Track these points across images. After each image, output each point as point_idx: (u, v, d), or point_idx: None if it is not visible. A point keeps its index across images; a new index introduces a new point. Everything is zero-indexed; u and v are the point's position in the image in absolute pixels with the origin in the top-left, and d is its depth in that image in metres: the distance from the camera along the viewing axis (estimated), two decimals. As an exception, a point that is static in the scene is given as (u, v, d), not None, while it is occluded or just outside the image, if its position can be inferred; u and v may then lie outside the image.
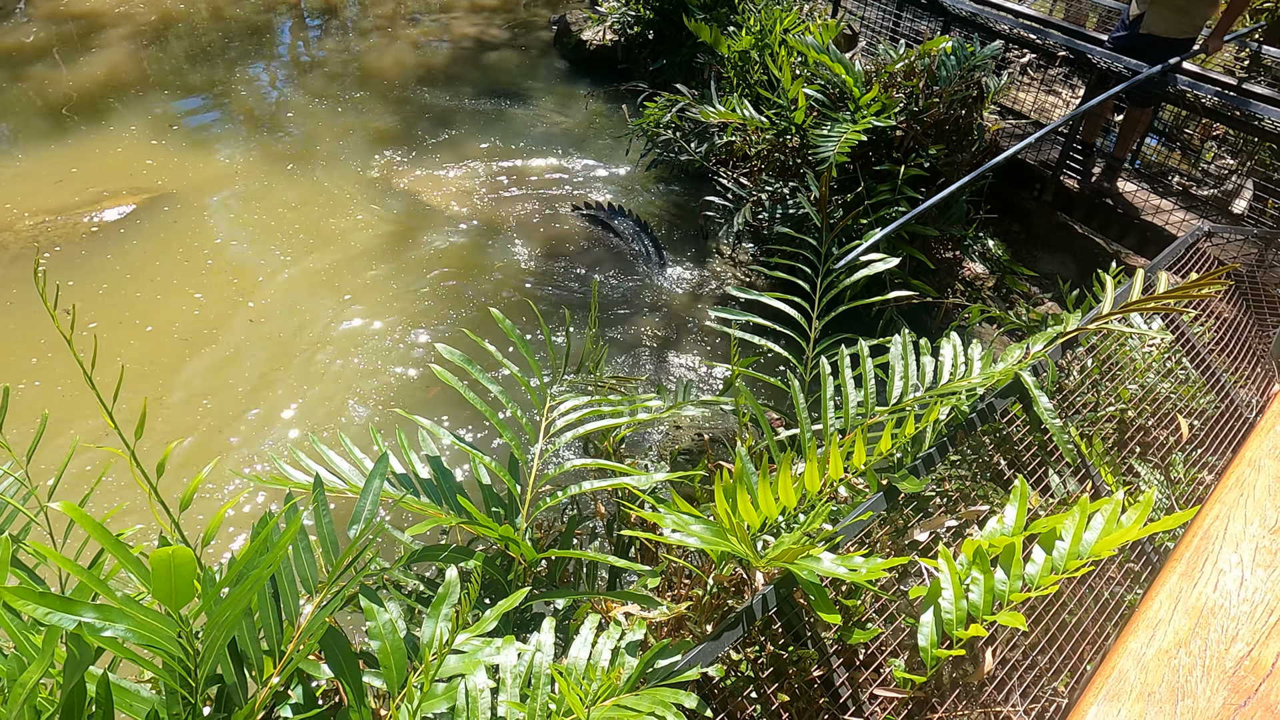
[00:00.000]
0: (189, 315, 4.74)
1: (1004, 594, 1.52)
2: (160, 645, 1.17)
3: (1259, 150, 5.91)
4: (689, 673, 1.41)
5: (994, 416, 2.24)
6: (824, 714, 1.63)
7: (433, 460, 2.03)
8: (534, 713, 1.38)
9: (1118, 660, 0.55)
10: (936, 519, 1.91)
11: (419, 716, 1.40)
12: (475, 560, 1.81)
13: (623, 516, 2.34)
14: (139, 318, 4.69)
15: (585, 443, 2.65)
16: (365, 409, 4.20)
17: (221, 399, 4.22)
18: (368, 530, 1.52)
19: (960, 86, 4.64)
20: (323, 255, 5.34)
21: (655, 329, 4.96)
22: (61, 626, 1.10)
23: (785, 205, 4.89)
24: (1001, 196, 5.67)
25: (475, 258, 5.45)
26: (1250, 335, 3.29)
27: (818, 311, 2.69)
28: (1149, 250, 5.12)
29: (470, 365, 2.10)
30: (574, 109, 7.58)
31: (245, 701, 1.39)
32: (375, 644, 1.47)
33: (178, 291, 4.90)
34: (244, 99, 7.40)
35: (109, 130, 6.63)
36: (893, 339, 2.30)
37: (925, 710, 1.81)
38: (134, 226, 5.44)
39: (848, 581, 1.79)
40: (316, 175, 6.23)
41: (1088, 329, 2.32)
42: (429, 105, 7.44)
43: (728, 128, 5.50)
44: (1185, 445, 2.73)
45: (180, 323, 4.67)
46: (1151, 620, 0.58)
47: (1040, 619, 2.09)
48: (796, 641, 1.66)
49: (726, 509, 1.50)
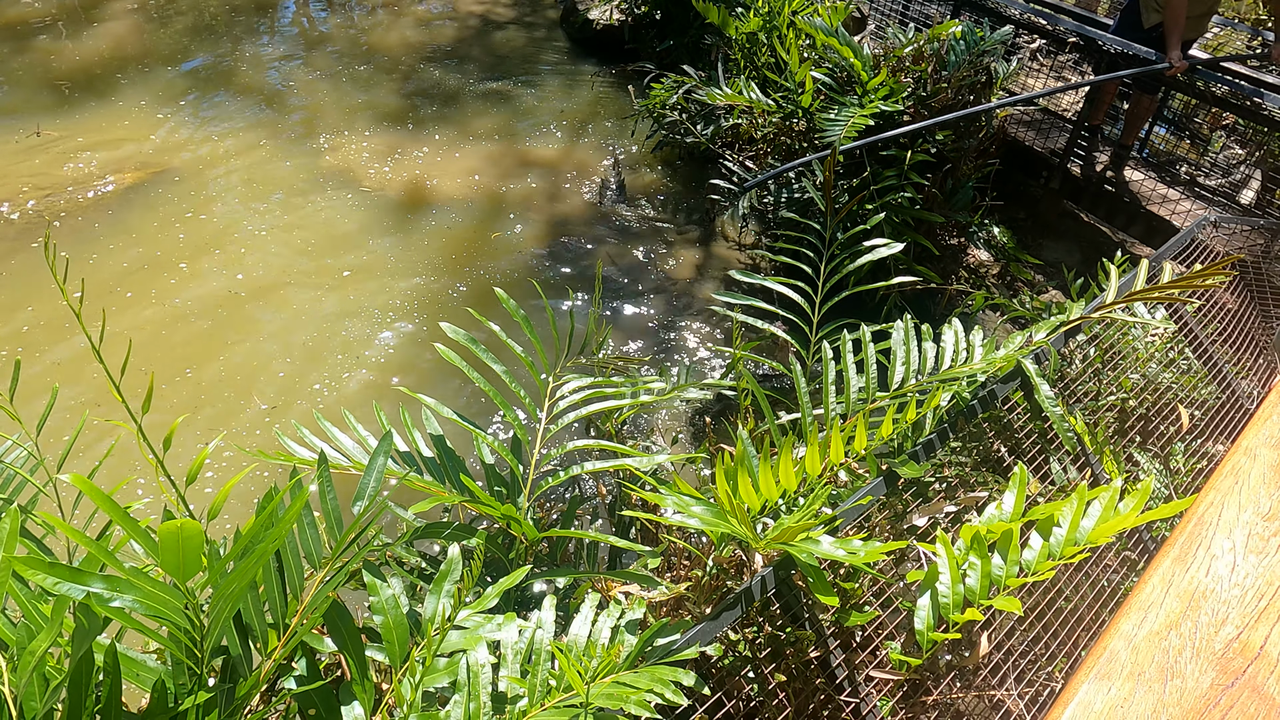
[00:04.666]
0: (189, 291, 4.74)
1: (1001, 579, 1.54)
2: (167, 616, 1.19)
3: (1268, 140, 5.87)
4: (688, 651, 1.43)
5: (995, 403, 2.25)
6: (820, 694, 1.65)
7: (436, 439, 2.04)
8: (534, 688, 1.40)
9: (1110, 641, 0.56)
10: (935, 504, 1.92)
11: (421, 690, 1.42)
12: (478, 538, 1.82)
13: (624, 497, 2.36)
14: (139, 293, 4.70)
15: (587, 424, 2.67)
16: (366, 386, 4.22)
17: (227, 376, 4.23)
18: (371, 507, 1.53)
19: (969, 72, 4.60)
20: (325, 232, 5.34)
21: (658, 309, 4.96)
22: (70, 596, 1.12)
23: (791, 189, 4.88)
24: (1008, 183, 5.65)
25: (478, 237, 5.44)
26: (1254, 326, 3.29)
27: (821, 296, 2.69)
28: (1155, 240, 5.11)
29: (474, 344, 2.10)
30: (580, 89, 7.54)
31: (250, 673, 1.41)
32: (378, 619, 1.49)
33: (180, 267, 4.91)
34: (250, 75, 7.37)
35: (116, 104, 6.61)
36: (895, 324, 2.30)
37: (920, 693, 1.83)
38: (138, 201, 5.43)
39: (846, 564, 1.80)
40: (321, 151, 6.22)
41: (1091, 318, 2.32)
42: (435, 83, 7.40)
43: (734, 110, 5.47)
44: (1186, 435, 2.74)
45: (183, 298, 4.68)
46: (1144, 603, 0.59)
47: (1036, 605, 2.11)
48: (795, 623, 1.68)
49: (727, 490, 1.51)
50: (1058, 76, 6.97)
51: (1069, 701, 0.52)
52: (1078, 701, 0.52)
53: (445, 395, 4.20)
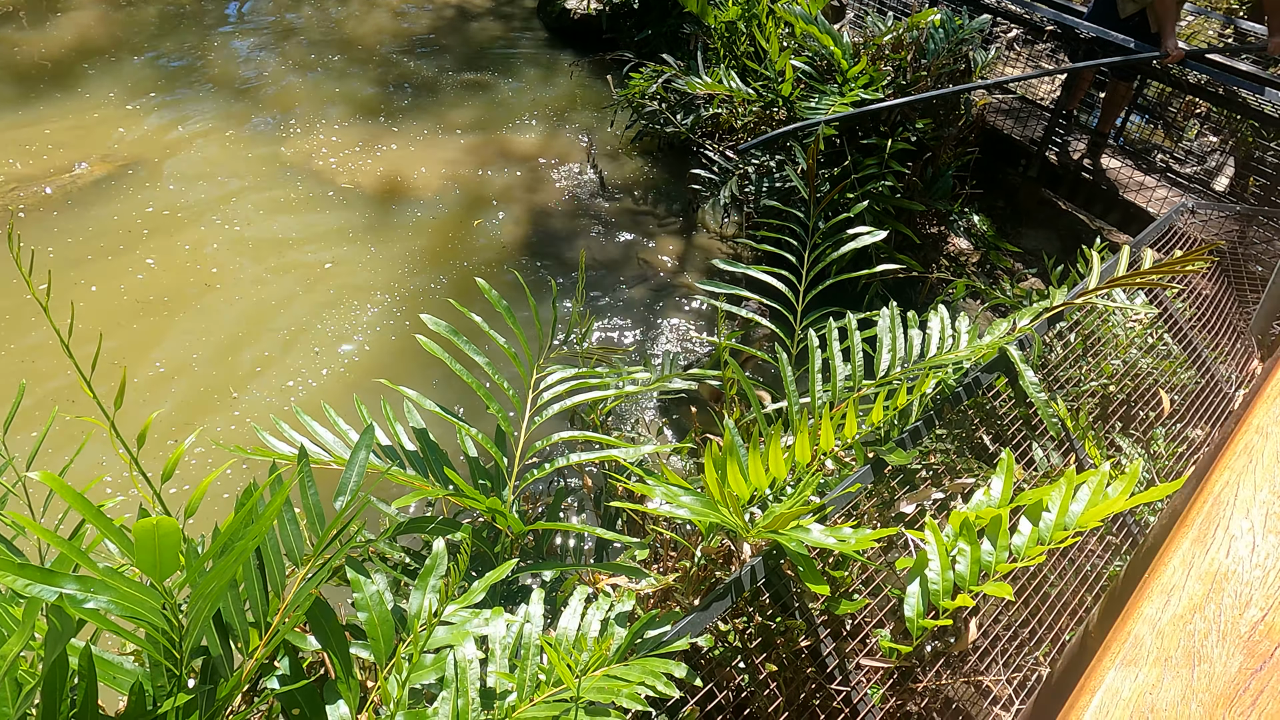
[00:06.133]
0: (158, 284, 4.65)
1: (990, 565, 1.53)
2: (144, 617, 1.15)
3: (1241, 128, 5.93)
4: (678, 643, 1.41)
5: (980, 390, 2.25)
6: (811, 683, 1.64)
7: (419, 432, 2.01)
8: (523, 683, 1.37)
9: (1133, 626, 0.55)
10: (923, 491, 1.92)
11: (407, 687, 1.39)
12: (463, 532, 1.80)
13: (609, 489, 2.34)
14: (106, 286, 4.60)
15: (571, 415, 2.64)
16: (343, 380, 4.16)
17: (198, 370, 4.16)
18: (354, 502, 1.50)
19: (948, 60, 4.61)
20: (299, 225, 5.26)
21: (639, 300, 4.94)
22: (42, 598, 1.08)
23: (772, 178, 4.87)
24: (987, 172, 5.67)
25: (457, 228, 5.39)
26: (1231, 311, 3.32)
27: (805, 285, 2.68)
28: (1132, 227, 5.15)
29: (456, 336, 2.07)
30: (558, 79, 7.47)
31: (231, 673, 1.37)
32: (363, 615, 1.46)
33: (147, 262, 4.81)
34: (220, 65, 7.23)
35: (82, 96, 6.47)
36: (880, 312, 2.30)
37: (909, 680, 1.83)
38: (105, 193, 5.32)
39: (835, 553, 1.79)
40: (294, 144, 6.12)
41: (1074, 303, 2.33)
42: (409, 74, 7.31)
43: (714, 99, 5.45)
44: (1166, 420, 2.76)
45: (153, 292, 4.59)
46: (1166, 586, 0.58)
47: (1022, 591, 2.12)
48: (785, 612, 1.67)
49: (716, 480, 1.49)
50: (1034, 65, 7.00)
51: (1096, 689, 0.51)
52: (1105, 688, 0.51)
53: (426, 389, 4.15)
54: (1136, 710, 0.50)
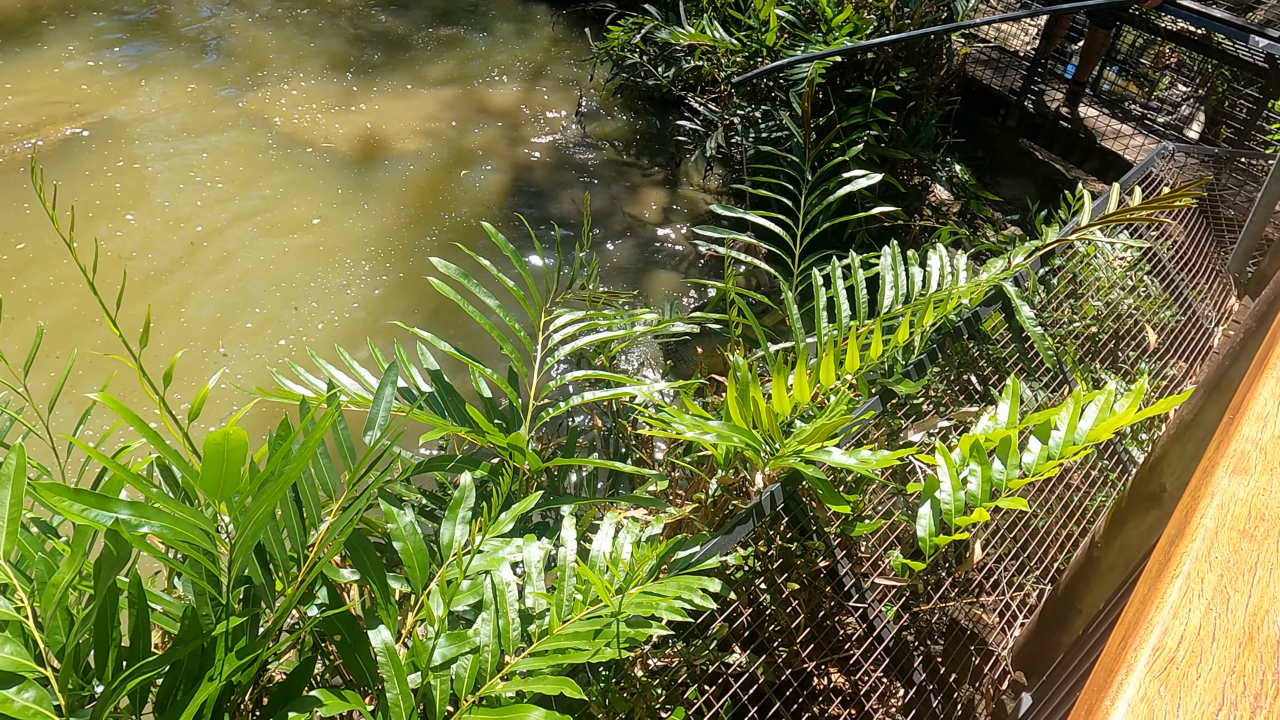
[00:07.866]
0: (139, 242, 4.57)
1: (1001, 483, 1.60)
2: (195, 542, 1.17)
3: (1215, 76, 6.02)
4: (709, 561, 1.47)
5: (979, 325, 2.31)
6: (830, 602, 1.71)
7: (434, 374, 2.02)
8: (561, 602, 1.42)
9: (1236, 444, 0.60)
10: (929, 419, 1.98)
11: (448, 610, 1.43)
12: (482, 469, 1.83)
13: (619, 429, 2.38)
14: (84, 243, 4.51)
15: (578, 359, 2.67)
16: (343, 332, 4.14)
17: (190, 327, 4.11)
18: (386, 434, 1.52)
19: (930, 8, 4.62)
20: (281, 181, 5.17)
21: (627, 252, 4.94)
22: (98, 524, 1.09)
23: (758, 129, 4.87)
24: (967, 122, 5.71)
25: (443, 183, 5.33)
26: (1211, 251, 3.42)
27: (802, 229, 2.71)
28: (1109, 175, 5.24)
29: (467, 279, 2.08)
30: (536, 31, 7.36)
31: (272, 602, 1.40)
32: (398, 544, 1.49)
33: (127, 219, 4.72)
34: (185, 19, 7.02)
35: (42, 51, 6.25)
36: (882, 251, 2.34)
37: (920, 600, 1.91)
38: (76, 151, 5.18)
39: (850, 476, 1.85)
40: (266, 101, 5.98)
41: (1068, 239, 2.39)
42: (382, 30, 7.15)
43: (696, 50, 5.41)
44: (1151, 355, 2.86)
45: (135, 249, 4.51)
46: (1260, 414, 0.64)
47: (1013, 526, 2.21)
48: (803, 535, 1.73)
49: (737, 407, 1.53)
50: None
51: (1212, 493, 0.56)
52: (1222, 492, 0.56)
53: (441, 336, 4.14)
54: (1253, 509, 0.55)
